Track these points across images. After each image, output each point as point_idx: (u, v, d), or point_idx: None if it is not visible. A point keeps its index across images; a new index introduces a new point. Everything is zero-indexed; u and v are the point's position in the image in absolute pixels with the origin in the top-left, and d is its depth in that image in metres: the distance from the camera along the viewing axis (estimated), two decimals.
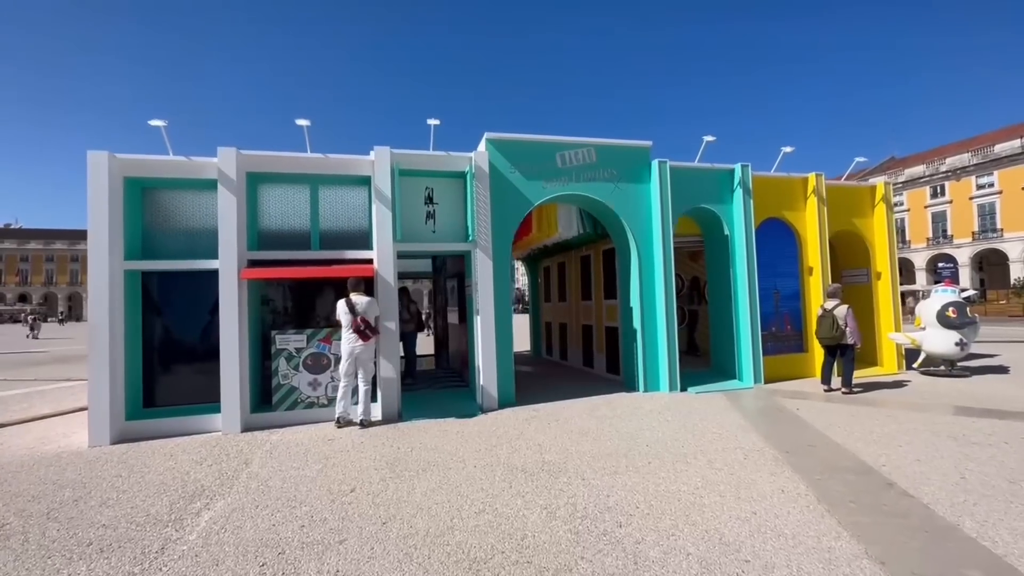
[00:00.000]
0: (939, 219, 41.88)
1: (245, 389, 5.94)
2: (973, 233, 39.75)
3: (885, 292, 8.75)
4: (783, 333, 8.37)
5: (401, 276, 12.29)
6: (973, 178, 39.97)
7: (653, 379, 7.45)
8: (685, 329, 11.07)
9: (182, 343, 6.27)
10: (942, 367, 8.16)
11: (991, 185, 38.93)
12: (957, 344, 7.70)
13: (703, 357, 10.24)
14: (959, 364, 8.28)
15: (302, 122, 6.26)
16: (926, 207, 42.28)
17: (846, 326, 6.82)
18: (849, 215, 8.71)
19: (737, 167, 7.89)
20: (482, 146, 7.00)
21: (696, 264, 11.14)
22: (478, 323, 6.72)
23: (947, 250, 40.75)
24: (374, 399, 6.27)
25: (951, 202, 40.94)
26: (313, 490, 3.83)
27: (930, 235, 42.39)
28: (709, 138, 7.71)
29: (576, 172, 7.31)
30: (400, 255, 6.91)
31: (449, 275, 9.72)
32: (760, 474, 3.86)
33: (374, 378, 6.23)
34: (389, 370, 6.31)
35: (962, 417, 5.47)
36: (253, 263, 6.19)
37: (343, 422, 5.83)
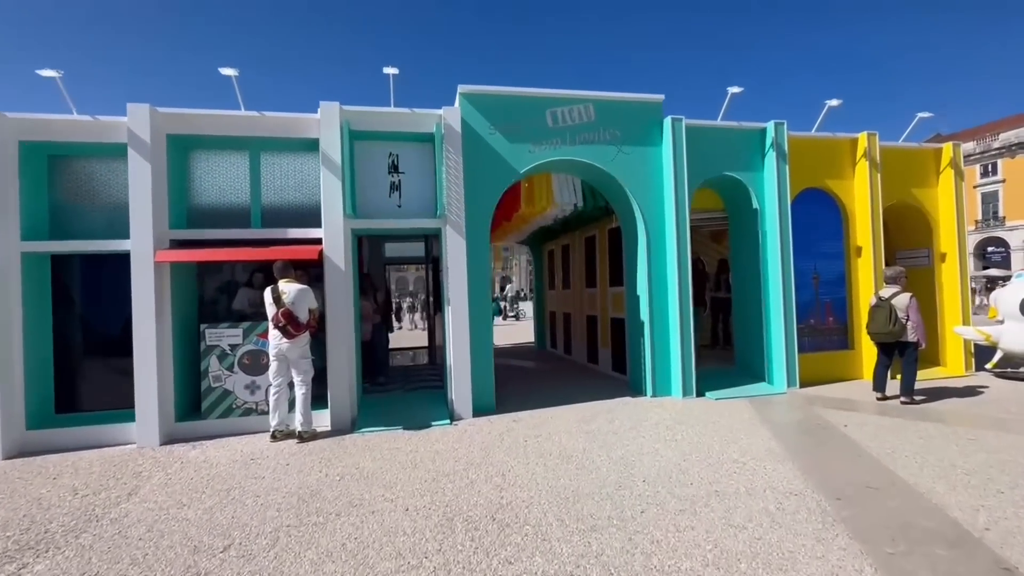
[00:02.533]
0: (990, 199, 38.56)
1: (168, 394, 5.00)
2: None
3: (951, 277, 7.25)
4: (823, 326, 7.00)
5: (392, 262, 11.39)
6: None
7: (664, 381, 6.23)
8: (708, 318, 9.74)
9: (103, 338, 5.36)
10: (1022, 368, 6.69)
11: None
12: None
13: (732, 351, 8.92)
14: None
15: (227, 71, 5.19)
16: (975, 187, 38.90)
17: (908, 319, 5.43)
18: (907, 184, 7.21)
19: (770, 125, 6.49)
20: (456, 102, 5.82)
21: (720, 246, 9.75)
22: (449, 315, 5.61)
23: (999, 233, 37.52)
24: (323, 405, 5.26)
25: (1003, 181, 37.55)
26: (177, 545, 2.81)
27: (979, 217, 39.13)
28: (735, 89, 6.33)
29: (571, 133, 6.06)
30: (359, 233, 5.84)
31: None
32: (801, 539, 2.66)
33: (325, 381, 5.22)
34: (342, 371, 5.29)
35: None
36: (179, 243, 5.21)
37: (280, 435, 4.83)
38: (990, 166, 38.12)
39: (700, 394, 6.18)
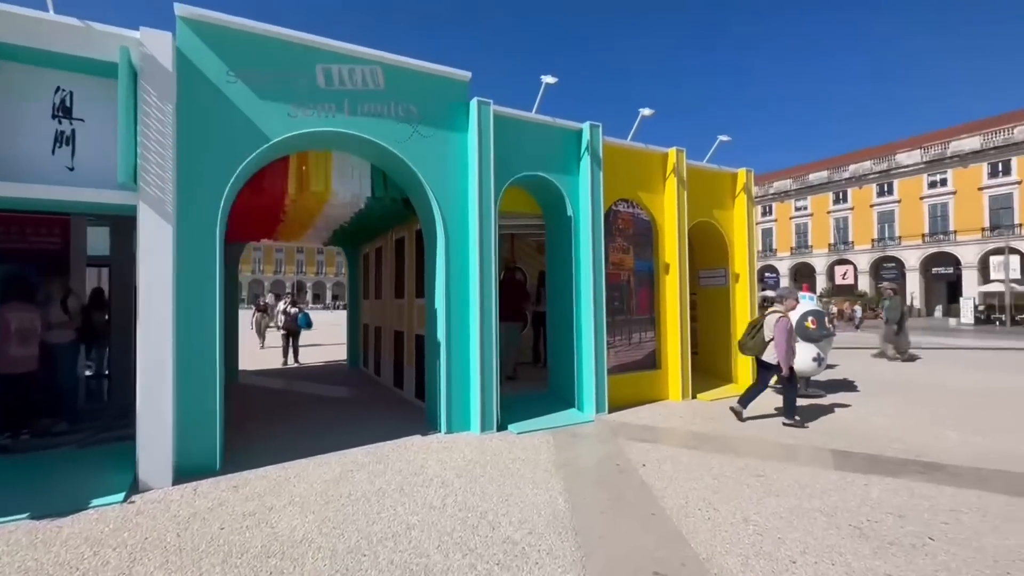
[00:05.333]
0: (886, 218, 40.56)
1: None
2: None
3: (743, 297, 7.60)
4: (631, 345, 6.70)
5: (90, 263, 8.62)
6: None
7: (462, 413, 5.17)
8: (530, 335, 9.13)
9: None
10: (799, 385, 7.15)
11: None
12: (815, 359, 6.68)
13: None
14: (812, 380, 7.37)
15: None
16: (872, 206, 41.21)
17: (771, 340, 5.41)
18: (709, 205, 7.38)
19: (585, 126, 5.97)
20: (176, 28, 4.07)
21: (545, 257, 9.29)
22: (140, 332, 3.79)
23: (893, 252, 39.40)
24: None
25: (899, 201, 39.76)
26: None
27: (875, 236, 41.19)
28: (549, 79, 5.65)
29: (351, 100, 4.72)
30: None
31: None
32: None
33: None
34: None
35: (850, 475, 3.99)
36: None
37: None
38: (886, 186, 40.23)
39: (503, 427, 5.26)
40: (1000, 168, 35.04)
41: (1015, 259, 28.88)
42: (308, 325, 11.33)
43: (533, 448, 4.61)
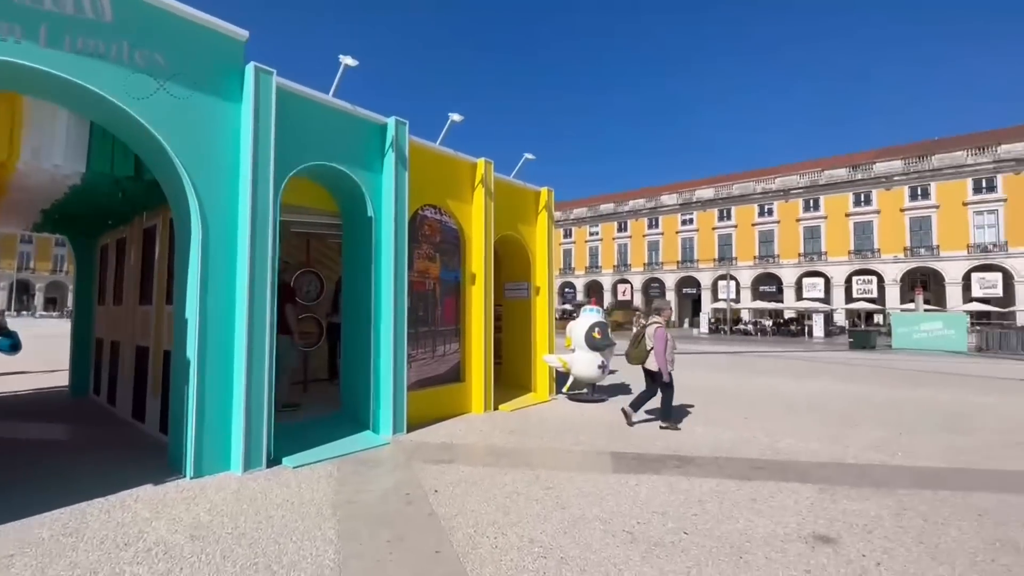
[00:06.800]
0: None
1: None
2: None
3: (543, 310, 8.00)
4: (435, 358, 6.42)
5: None
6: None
7: (218, 450, 4.12)
8: (325, 348, 8.13)
9: None
10: (585, 390, 7.79)
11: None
12: (600, 367, 7.34)
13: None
14: (597, 386, 8.12)
15: None
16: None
17: (651, 348, 5.85)
18: (515, 219, 7.60)
19: (390, 121, 5.51)
20: None
21: None
22: None
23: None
24: None
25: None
26: None
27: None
28: (349, 61, 5.03)
29: (54, 25, 3.40)
30: None
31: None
32: None
33: None
34: None
35: (624, 476, 4.30)
36: None
37: None
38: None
39: (275, 461, 4.36)
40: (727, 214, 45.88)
41: (734, 283, 38.09)
42: (13, 349, 8.19)
43: (309, 485, 3.87)
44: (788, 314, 38.77)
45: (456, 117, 6.19)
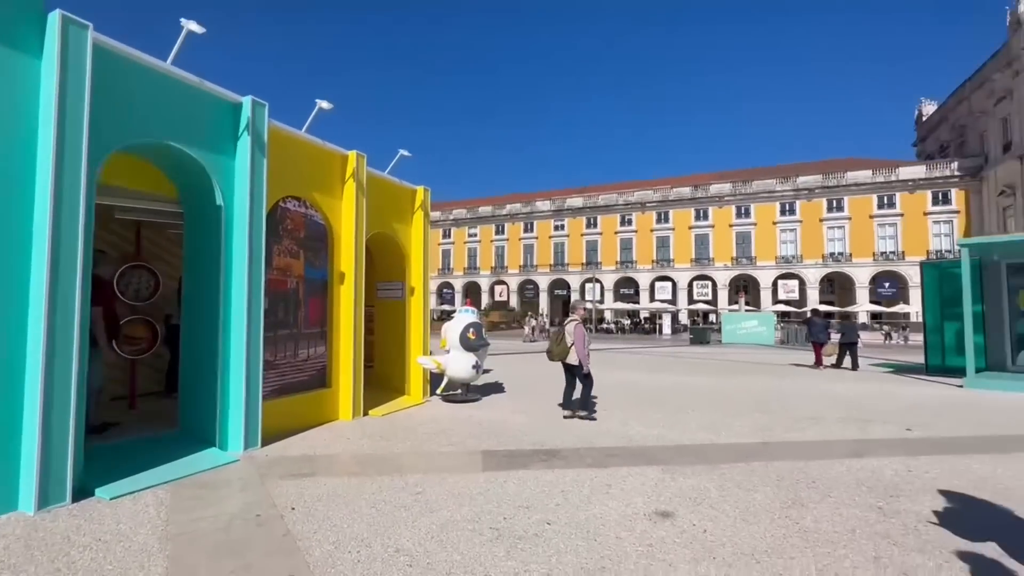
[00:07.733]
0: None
1: None
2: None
3: (417, 311, 7.83)
4: (297, 362, 5.92)
5: None
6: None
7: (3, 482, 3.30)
8: (167, 355, 7.00)
9: None
10: (459, 391, 7.81)
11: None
12: (474, 367, 7.42)
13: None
14: (472, 386, 8.19)
15: None
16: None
17: (572, 344, 6.21)
18: (389, 216, 7.33)
19: (246, 101, 4.94)
20: None
21: None
22: None
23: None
24: None
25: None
26: None
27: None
28: (194, 27, 4.40)
29: None
30: None
31: None
32: None
33: None
34: None
35: (494, 474, 4.38)
36: None
37: None
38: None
39: (86, 493, 3.63)
40: (591, 222, 49.76)
41: (599, 286, 41.54)
42: None
43: (130, 518, 3.29)
44: (644, 314, 43.41)
45: (325, 104, 5.78)
